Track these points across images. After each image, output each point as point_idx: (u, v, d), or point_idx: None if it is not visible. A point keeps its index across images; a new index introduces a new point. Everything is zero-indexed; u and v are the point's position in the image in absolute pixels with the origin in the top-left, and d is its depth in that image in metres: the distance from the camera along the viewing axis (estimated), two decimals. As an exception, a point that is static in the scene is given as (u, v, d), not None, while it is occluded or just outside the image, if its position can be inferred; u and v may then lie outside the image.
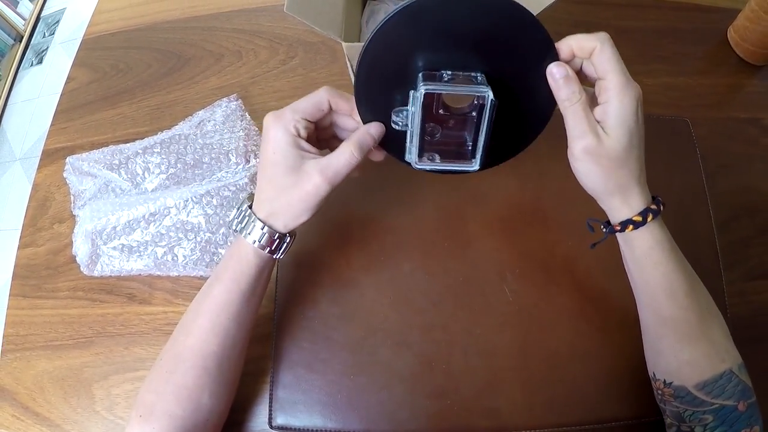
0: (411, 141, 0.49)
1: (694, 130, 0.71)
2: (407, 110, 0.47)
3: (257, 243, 0.50)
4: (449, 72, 0.46)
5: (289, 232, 0.51)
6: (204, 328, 0.51)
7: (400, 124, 0.49)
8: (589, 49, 0.44)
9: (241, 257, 0.51)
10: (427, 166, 0.50)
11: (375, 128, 0.49)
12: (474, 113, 0.46)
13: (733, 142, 0.72)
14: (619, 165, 0.45)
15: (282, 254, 0.52)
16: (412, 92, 0.46)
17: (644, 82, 0.73)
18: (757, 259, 0.65)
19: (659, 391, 0.52)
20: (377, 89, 0.48)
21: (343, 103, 0.49)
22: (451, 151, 0.49)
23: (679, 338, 0.49)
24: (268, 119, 0.49)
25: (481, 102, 0.44)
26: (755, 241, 0.66)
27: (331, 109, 0.50)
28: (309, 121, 0.49)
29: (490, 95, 0.43)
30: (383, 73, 0.47)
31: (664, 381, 0.51)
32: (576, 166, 0.47)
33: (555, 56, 0.45)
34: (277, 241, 0.50)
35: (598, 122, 0.45)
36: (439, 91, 0.45)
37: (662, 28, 0.81)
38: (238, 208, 0.51)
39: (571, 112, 0.45)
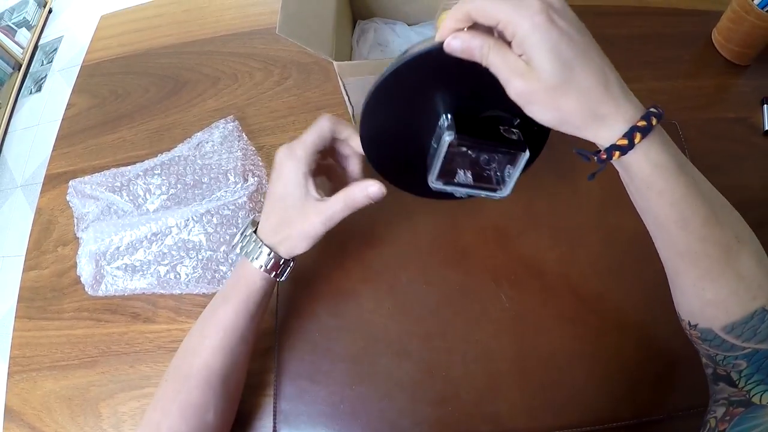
0: (481, 195, 0.51)
1: (683, 132, 0.72)
2: (454, 192, 0.50)
3: (263, 267, 0.53)
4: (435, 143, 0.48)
5: (292, 259, 0.54)
6: (211, 347, 0.53)
7: (464, 195, 0.52)
8: (466, 16, 0.39)
9: (248, 280, 0.54)
10: (512, 182, 0.49)
11: (374, 188, 0.50)
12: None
13: (722, 142, 0.73)
14: (562, 91, 0.38)
15: (285, 277, 0.55)
16: (433, 186, 0.49)
17: (631, 87, 0.75)
18: (750, 257, 0.66)
19: (687, 332, 0.47)
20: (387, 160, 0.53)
21: (343, 129, 0.53)
22: (511, 153, 0.48)
23: (700, 274, 0.43)
24: (282, 156, 0.52)
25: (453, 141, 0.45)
26: (748, 239, 0.67)
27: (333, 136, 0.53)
28: (318, 152, 0.52)
29: (450, 138, 0.45)
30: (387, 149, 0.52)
31: (689, 322, 0.46)
32: (526, 111, 0.41)
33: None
34: (282, 265, 0.54)
35: (520, 56, 0.38)
36: (438, 171, 0.48)
37: (646, 34, 0.82)
38: (242, 233, 0.55)
39: (490, 64, 0.40)
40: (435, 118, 0.48)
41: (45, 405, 0.66)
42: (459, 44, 0.40)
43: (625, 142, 0.38)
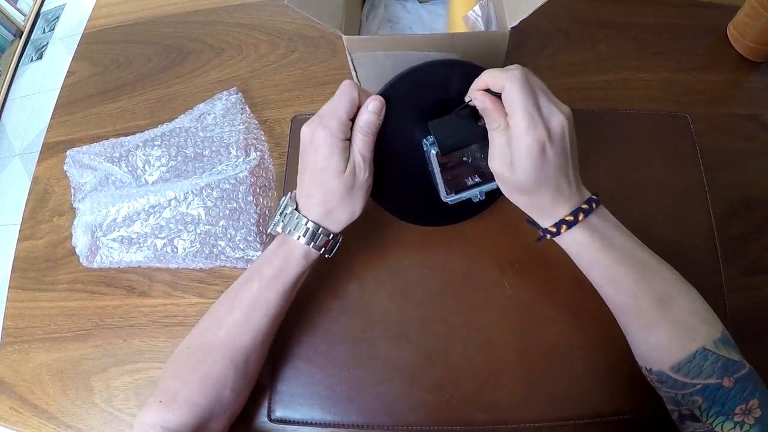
0: (494, 186, 0.56)
1: (694, 125, 0.71)
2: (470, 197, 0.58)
3: (313, 244, 0.52)
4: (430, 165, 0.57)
5: (340, 232, 0.54)
6: (238, 321, 0.53)
7: (481, 196, 0.58)
8: (500, 86, 0.47)
9: (290, 258, 0.53)
10: None
11: (373, 103, 0.51)
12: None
13: (732, 138, 0.72)
14: (523, 193, 0.50)
15: (335, 253, 0.55)
16: (447, 200, 0.57)
17: (643, 77, 0.76)
18: (756, 255, 0.65)
19: (648, 379, 0.52)
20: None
21: (363, 96, 0.52)
22: None
23: (640, 325, 0.50)
24: (313, 128, 0.51)
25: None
26: (754, 237, 0.66)
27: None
28: (350, 119, 0.51)
29: (435, 150, 0.54)
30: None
31: (645, 368, 0.52)
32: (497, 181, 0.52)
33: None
34: (331, 241, 0.53)
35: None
36: (444, 186, 0.56)
37: (662, 24, 0.81)
38: (281, 213, 0.53)
39: (492, 136, 0.49)
40: (420, 148, 0.56)
41: (36, 377, 0.66)
42: (479, 105, 0.49)
43: (554, 229, 0.50)
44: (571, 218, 0.49)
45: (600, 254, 0.49)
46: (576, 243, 0.50)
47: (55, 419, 0.63)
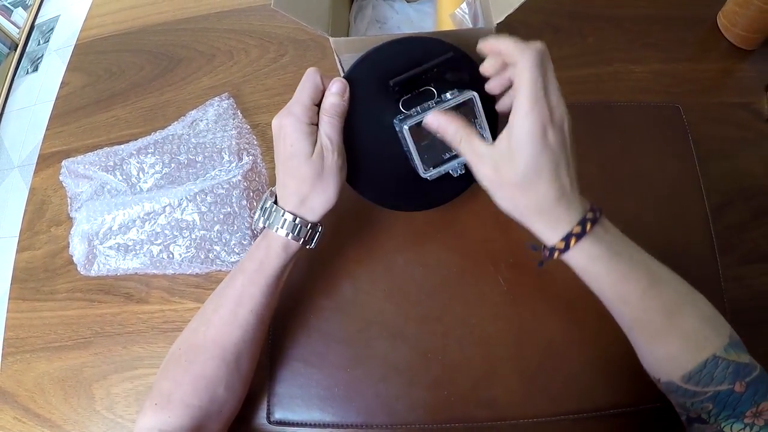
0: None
1: (686, 115, 0.71)
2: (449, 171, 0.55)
3: (291, 235, 0.52)
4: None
5: (319, 222, 0.53)
6: (225, 319, 0.53)
7: (459, 169, 0.56)
8: (511, 58, 0.46)
9: (269, 251, 0.52)
10: (487, 129, 0.54)
11: (335, 85, 0.52)
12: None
13: (725, 126, 0.72)
14: (523, 190, 0.46)
15: (315, 243, 0.54)
16: (426, 176, 0.54)
17: (634, 69, 0.76)
18: (753, 243, 0.65)
19: (658, 386, 0.51)
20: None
21: (327, 81, 0.52)
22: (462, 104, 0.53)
23: (649, 338, 0.49)
24: (279, 118, 0.51)
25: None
26: (750, 225, 0.66)
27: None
28: (315, 104, 0.51)
29: (406, 126, 0.52)
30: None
31: (654, 378, 0.51)
32: (490, 195, 0.48)
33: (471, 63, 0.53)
34: (310, 230, 0.53)
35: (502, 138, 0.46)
36: (420, 162, 0.54)
37: (652, 15, 0.81)
38: (261, 207, 0.53)
39: (461, 149, 0.49)
40: (393, 129, 0.55)
41: (38, 386, 0.66)
42: (434, 125, 0.49)
43: (563, 245, 0.46)
44: (579, 229, 0.45)
45: (609, 267, 0.47)
46: (585, 257, 0.47)
47: (57, 427, 0.64)
